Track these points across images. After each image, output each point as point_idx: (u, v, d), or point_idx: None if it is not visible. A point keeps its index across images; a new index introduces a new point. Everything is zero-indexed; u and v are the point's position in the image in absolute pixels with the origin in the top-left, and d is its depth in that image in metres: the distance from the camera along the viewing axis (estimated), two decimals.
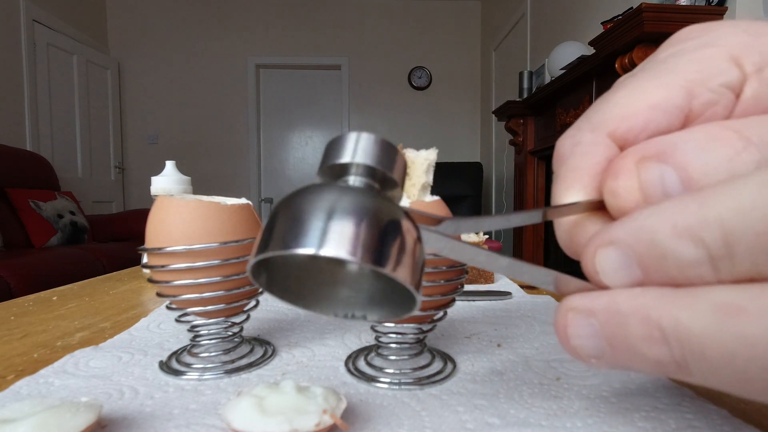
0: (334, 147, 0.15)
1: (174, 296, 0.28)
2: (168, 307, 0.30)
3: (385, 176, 0.15)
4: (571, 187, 0.14)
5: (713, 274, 0.11)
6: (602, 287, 0.12)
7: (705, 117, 0.13)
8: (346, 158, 0.15)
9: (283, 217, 0.13)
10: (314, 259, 0.17)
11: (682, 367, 0.11)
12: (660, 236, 0.11)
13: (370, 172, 0.15)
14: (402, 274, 0.13)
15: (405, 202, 0.18)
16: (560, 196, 0.14)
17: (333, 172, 0.15)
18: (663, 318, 0.11)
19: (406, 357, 0.29)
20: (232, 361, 0.30)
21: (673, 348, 0.11)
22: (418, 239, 0.14)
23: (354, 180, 0.15)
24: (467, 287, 0.54)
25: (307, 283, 0.17)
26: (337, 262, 0.18)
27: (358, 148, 0.15)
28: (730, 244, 0.10)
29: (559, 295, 0.14)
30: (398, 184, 0.15)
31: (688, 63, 0.14)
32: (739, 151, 0.12)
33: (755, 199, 0.10)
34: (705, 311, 0.10)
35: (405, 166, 0.16)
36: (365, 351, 0.32)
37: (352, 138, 0.15)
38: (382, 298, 0.17)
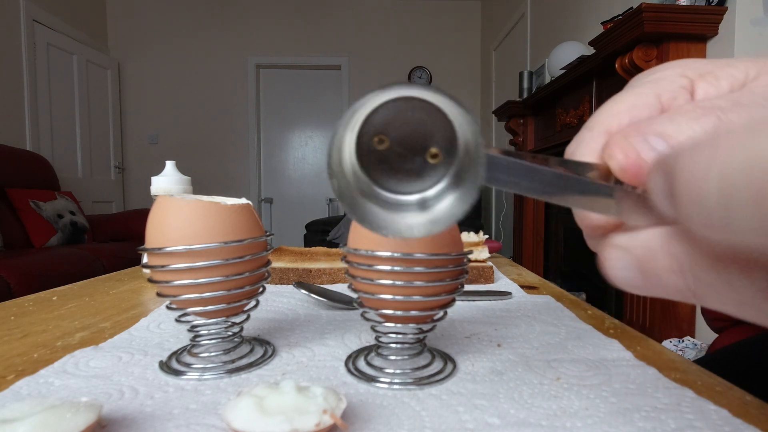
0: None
1: (174, 296, 0.28)
2: (168, 307, 0.30)
3: None
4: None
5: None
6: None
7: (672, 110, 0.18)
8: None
9: None
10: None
11: (695, 294, 0.14)
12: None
13: None
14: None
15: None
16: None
17: None
18: (682, 255, 0.14)
19: (406, 357, 0.29)
20: (232, 361, 0.30)
21: (687, 279, 0.14)
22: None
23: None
24: (467, 287, 0.54)
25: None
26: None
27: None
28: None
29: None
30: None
31: (651, 82, 0.19)
32: (699, 115, 0.15)
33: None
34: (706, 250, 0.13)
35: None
36: (365, 351, 0.32)
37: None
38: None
